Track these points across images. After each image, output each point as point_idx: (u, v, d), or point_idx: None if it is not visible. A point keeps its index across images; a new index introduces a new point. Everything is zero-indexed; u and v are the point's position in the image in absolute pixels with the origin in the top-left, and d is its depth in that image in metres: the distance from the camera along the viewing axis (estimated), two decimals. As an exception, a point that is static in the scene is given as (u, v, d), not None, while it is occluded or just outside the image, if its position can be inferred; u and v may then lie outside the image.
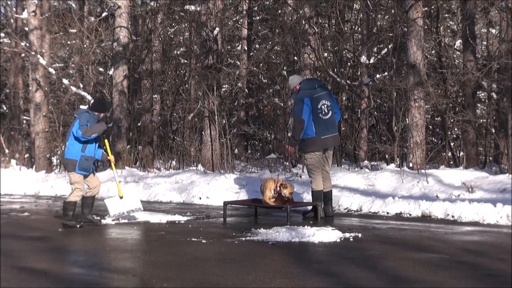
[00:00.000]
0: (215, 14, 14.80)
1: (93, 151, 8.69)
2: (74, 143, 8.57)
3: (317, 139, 8.95)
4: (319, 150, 9.03)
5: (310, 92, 8.97)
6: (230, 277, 5.16)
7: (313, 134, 8.93)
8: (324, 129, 8.98)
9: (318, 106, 8.95)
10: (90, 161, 8.66)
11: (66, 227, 8.48)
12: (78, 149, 8.54)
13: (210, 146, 14.66)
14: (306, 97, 8.91)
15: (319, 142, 8.97)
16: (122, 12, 16.32)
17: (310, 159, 9.04)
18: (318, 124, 8.93)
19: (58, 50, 20.51)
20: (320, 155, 9.06)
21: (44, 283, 5.16)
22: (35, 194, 15.12)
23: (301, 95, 8.99)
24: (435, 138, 17.11)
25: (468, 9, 13.14)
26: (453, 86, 14.42)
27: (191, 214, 9.80)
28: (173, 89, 18.78)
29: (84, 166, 8.60)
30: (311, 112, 8.89)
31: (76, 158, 8.55)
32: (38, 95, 17.90)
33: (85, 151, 8.56)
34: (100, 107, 8.84)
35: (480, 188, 9.54)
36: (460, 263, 5.64)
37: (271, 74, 17.22)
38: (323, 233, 7.14)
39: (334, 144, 9.41)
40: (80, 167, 8.58)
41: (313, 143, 8.97)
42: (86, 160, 8.59)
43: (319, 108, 8.96)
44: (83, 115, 8.58)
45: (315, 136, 8.93)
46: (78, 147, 8.55)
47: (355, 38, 16.66)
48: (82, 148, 8.54)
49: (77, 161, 8.55)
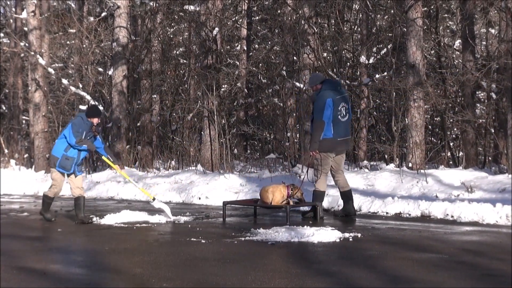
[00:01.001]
0: (215, 14, 14.80)
1: (76, 153, 8.95)
2: (60, 142, 8.99)
3: (334, 141, 8.86)
4: (333, 151, 8.95)
5: (332, 94, 8.86)
6: (229, 277, 5.16)
7: (330, 135, 8.83)
8: (341, 131, 8.91)
9: (339, 108, 8.86)
10: (70, 161, 8.94)
11: (41, 215, 9.20)
12: (62, 148, 8.94)
13: (209, 146, 14.66)
14: (329, 98, 8.78)
15: (335, 144, 8.89)
16: (122, 12, 16.31)
17: (321, 159, 8.96)
18: (337, 126, 8.85)
19: (57, 50, 20.49)
20: (332, 157, 8.99)
21: (44, 283, 5.15)
22: (34, 194, 15.11)
23: (323, 95, 8.84)
24: (435, 138, 17.12)
25: (468, 9, 13.14)
26: (452, 86, 14.43)
27: (190, 214, 9.80)
28: (173, 89, 18.78)
29: (63, 165, 8.94)
30: (332, 114, 8.77)
31: (58, 155, 8.95)
32: (38, 95, 17.89)
33: (67, 151, 8.91)
34: (93, 113, 9.08)
35: (480, 188, 9.54)
36: (459, 263, 5.64)
37: (271, 74, 17.21)
38: (323, 233, 7.14)
39: (347, 148, 9.38)
40: (60, 165, 8.94)
41: (329, 144, 8.86)
42: (67, 160, 8.92)
43: (339, 110, 8.87)
44: (77, 120, 8.96)
45: (332, 138, 8.84)
46: (62, 146, 8.94)
47: (355, 38, 16.67)
48: (65, 148, 8.91)
49: (59, 158, 8.92)
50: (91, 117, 8.96)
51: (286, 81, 15.91)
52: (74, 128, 8.81)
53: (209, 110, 14.53)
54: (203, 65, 14.83)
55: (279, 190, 8.92)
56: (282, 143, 16.34)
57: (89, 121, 8.95)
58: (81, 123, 8.87)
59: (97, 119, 9.03)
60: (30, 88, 18.53)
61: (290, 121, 16.31)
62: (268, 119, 19.22)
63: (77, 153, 8.95)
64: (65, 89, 18.75)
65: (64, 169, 8.97)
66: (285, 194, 8.90)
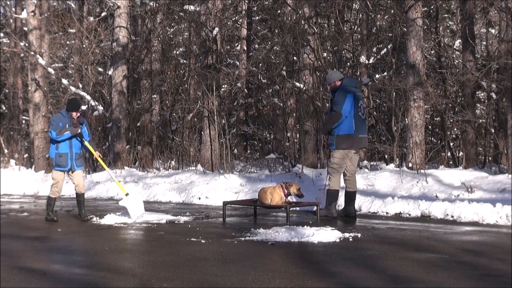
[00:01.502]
0: (215, 14, 14.80)
1: (67, 148, 9.15)
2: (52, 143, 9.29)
3: (355, 137, 8.80)
4: (352, 148, 8.86)
5: (353, 90, 8.86)
6: (229, 277, 5.15)
7: (351, 131, 8.76)
8: (361, 128, 8.88)
9: (358, 105, 8.85)
10: (64, 157, 9.16)
11: (47, 220, 9.25)
12: (54, 147, 9.21)
13: (209, 146, 14.66)
14: (350, 93, 8.76)
15: (356, 140, 8.82)
16: (122, 12, 16.32)
17: (337, 158, 8.87)
18: (358, 122, 8.80)
19: (57, 50, 20.52)
20: (350, 154, 8.91)
21: (43, 283, 5.15)
22: (34, 194, 15.12)
23: (345, 89, 8.81)
24: (435, 138, 17.11)
25: (468, 9, 13.14)
26: (452, 86, 14.43)
27: (190, 214, 9.80)
28: (173, 89, 18.79)
29: (58, 163, 9.17)
30: (353, 109, 8.73)
31: (52, 156, 9.23)
32: (37, 95, 17.90)
33: (58, 149, 9.16)
34: (71, 106, 9.23)
35: (480, 188, 9.54)
36: (459, 263, 5.64)
37: (271, 74, 17.21)
38: (323, 233, 7.14)
39: (365, 145, 9.31)
40: (56, 164, 9.20)
41: (350, 140, 8.78)
42: (60, 157, 9.16)
43: (359, 107, 8.86)
44: (55, 116, 9.29)
45: (353, 134, 8.77)
46: (53, 146, 9.23)
47: (355, 38, 16.67)
48: (56, 146, 9.16)
49: (53, 158, 9.21)
50: (70, 111, 9.18)
51: (286, 81, 15.91)
52: (53, 124, 9.14)
53: (209, 110, 14.54)
54: (203, 65, 14.83)
55: (276, 192, 8.92)
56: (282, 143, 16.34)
57: (69, 115, 9.18)
58: (60, 118, 9.17)
59: (76, 113, 9.18)
60: (30, 88, 18.54)
61: (290, 121, 16.31)
62: (268, 119, 19.22)
63: (69, 148, 9.16)
64: (65, 89, 18.76)
65: (61, 167, 9.19)
66: (282, 195, 8.90)
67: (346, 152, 8.88)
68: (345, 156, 8.89)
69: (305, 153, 13.42)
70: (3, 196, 14.23)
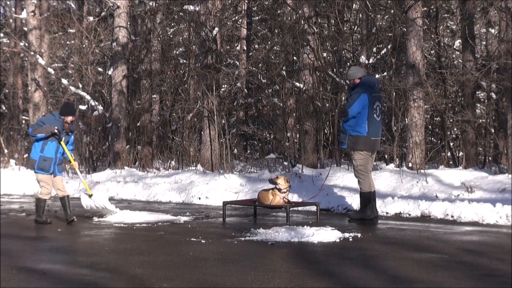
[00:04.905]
0: (214, 14, 14.80)
1: (52, 152, 8.84)
2: (36, 144, 8.91)
3: (368, 139, 8.66)
4: (368, 150, 8.75)
5: (370, 90, 8.70)
6: (229, 277, 5.15)
7: (364, 133, 8.63)
8: (375, 130, 8.73)
9: (374, 106, 8.68)
10: (48, 162, 8.84)
11: (37, 223, 8.91)
12: (38, 150, 8.85)
13: (209, 146, 14.66)
14: (364, 94, 8.60)
15: (369, 143, 8.68)
16: (121, 12, 16.31)
17: (360, 159, 8.73)
18: (372, 124, 8.65)
19: (57, 50, 20.50)
20: (369, 155, 8.79)
21: (43, 283, 5.15)
22: (34, 194, 15.07)
23: (360, 89, 8.68)
24: (435, 138, 17.10)
25: (468, 9, 13.14)
26: (452, 86, 14.42)
27: (190, 214, 9.80)
28: (172, 89, 18.78)
29: (41, 166, 8.86)
30: (367, 109, 8.57)
31: (35, 158, 8.87)
32: (37, 95, 17.89)
33: (43, 152, 8.83)
34: (66, 110, 8.96)
35: (480, 188, 9.54)
36: (459, 263, 5.64)
37: (270, 74, 17.21)
38: (323, 233, 7.14)
39: (378, 148, 9.18)
40: (38, 167, 8.86)
41: (363, 142, 8.67)
42: (44, 161, 8.83)
43: (374, 109, 8.69)
44: (46, 116, 9.05)
45: (366, 136, 8.64)
46: (38, 148, 8.85)
47: (354, 38, 16.65)
48: (41, 148, 8.83)
49: (36, 160, 8.85)
50: (64, 114, 8.87)
51: (286, 81, 15.90)
52: (37, 122, 8.88)
53: (209, 110, 14.53)
54: (203, 65, 14.82)
55: (275, 193, 8.90)
56: (282, 143, 16.32)
57: (62, 119, 8.85)
58: (50, 120, 8.83)
59: (71, 117, 8.90)
60: (30, 88, 18.54)
61: (290, 121, 16.30)
62: (268, 119, 19.20)
63: (54, 153, 8.84)
64: (65, 89, 18.75)
65: (43, 171, 8.87)
66: (280, 195, 8.88)
67: (363, 154, 8.76)
68: (365, 156, 8.75)
69: (305, 153, 13.42)
70: (3, 196, 14.22)
